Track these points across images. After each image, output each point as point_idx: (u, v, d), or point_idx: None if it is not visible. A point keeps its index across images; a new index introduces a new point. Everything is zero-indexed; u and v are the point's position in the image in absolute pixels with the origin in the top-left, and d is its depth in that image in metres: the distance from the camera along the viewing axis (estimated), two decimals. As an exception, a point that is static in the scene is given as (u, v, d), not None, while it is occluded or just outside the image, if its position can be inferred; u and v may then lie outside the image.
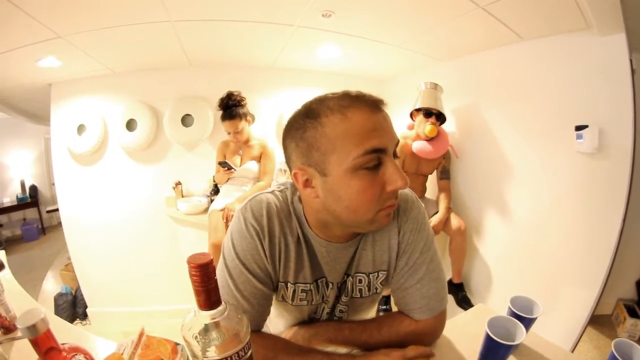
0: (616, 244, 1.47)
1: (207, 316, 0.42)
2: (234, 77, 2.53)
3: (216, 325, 0.43)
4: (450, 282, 2.17)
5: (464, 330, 0.79)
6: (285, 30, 1.86)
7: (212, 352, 0.42)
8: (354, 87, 0.59)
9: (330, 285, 0.72)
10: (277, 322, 0.81)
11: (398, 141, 0.58)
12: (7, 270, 1.41)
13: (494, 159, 2.02)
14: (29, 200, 5.30)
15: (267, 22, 1.76)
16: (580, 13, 1.35)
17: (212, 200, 2.39)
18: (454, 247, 2.07)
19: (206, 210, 2.33)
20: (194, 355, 0.43)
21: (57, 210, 3.00)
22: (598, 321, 2.15)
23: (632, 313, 2.11)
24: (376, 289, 0.75)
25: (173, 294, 2.57)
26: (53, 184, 4.77)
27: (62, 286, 2.91)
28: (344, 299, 0.75)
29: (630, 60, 1.39)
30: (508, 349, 0.63)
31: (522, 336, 0.63)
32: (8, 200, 5.18)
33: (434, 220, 2.03)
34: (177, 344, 0.46)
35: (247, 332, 0.45)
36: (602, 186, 1.52)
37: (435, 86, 2.07)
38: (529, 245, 1.87)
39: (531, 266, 1.86)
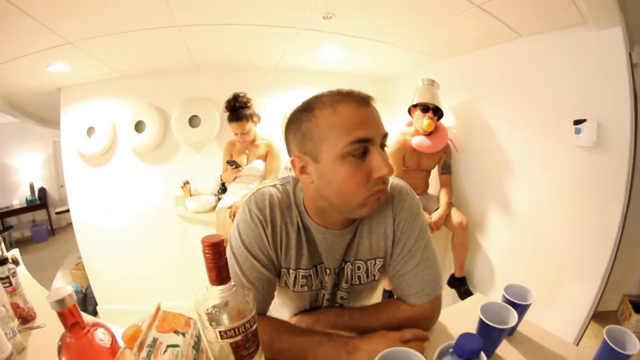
0: (616, 237, 1.47)
1: (217, 291, 0.47)
2: (239, 79, 2.58)
3: (226, 300, 0.47)
4: (452, 277, 2.20)
5: (460, 318, 0.80)
6: (287, 32, 1.90)
7: (221, 323, 0.47)
8: (357, 87, 0.65)
9: (328, 271, 0.76)
10: (281, 312, 0.86)
11: (386, 133, 0.63)
12: (22, 266, 1.47)
13: (494, 155, 2.04)
14: (38, 202, 5.38)
15: (269, 25, 1.80)
16: (575, 8, 1.36)
17: (219, 199, 2.44)
18: (456, 242, 2.09)
19: (214, 208, 2.37)
20: (205, 327, 0.47)
21: (66, 211, 3.06)
22: (603, 317, 2.14)
23: (638, 309, 2.09)
24: (374, 276, 0.79)
25: (182, 291, 2.60)
26: (62, 186, 4.84)
27: (73, 285, 2.97)
28: (344, 285, 0.78)
29: (630, 55, 1.39)
30: (500, 332, 0.64)
31: (514, 321, 0.65)
32: (17, 202, 5.26)
33: (435, 216, 2.05)
34: (190, 318, 0.51)
35: (253, 307, 0.50)
36: (601, 180, 1.53)
37: (432, 82, 2.09)
38: (530, 239, 1.88)
39: (533, 260, 1.87)
